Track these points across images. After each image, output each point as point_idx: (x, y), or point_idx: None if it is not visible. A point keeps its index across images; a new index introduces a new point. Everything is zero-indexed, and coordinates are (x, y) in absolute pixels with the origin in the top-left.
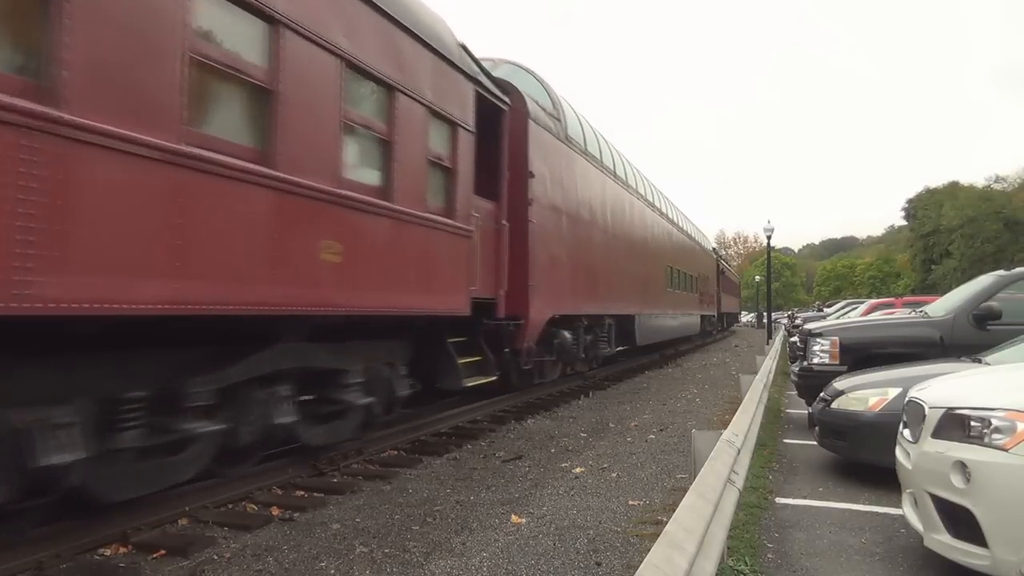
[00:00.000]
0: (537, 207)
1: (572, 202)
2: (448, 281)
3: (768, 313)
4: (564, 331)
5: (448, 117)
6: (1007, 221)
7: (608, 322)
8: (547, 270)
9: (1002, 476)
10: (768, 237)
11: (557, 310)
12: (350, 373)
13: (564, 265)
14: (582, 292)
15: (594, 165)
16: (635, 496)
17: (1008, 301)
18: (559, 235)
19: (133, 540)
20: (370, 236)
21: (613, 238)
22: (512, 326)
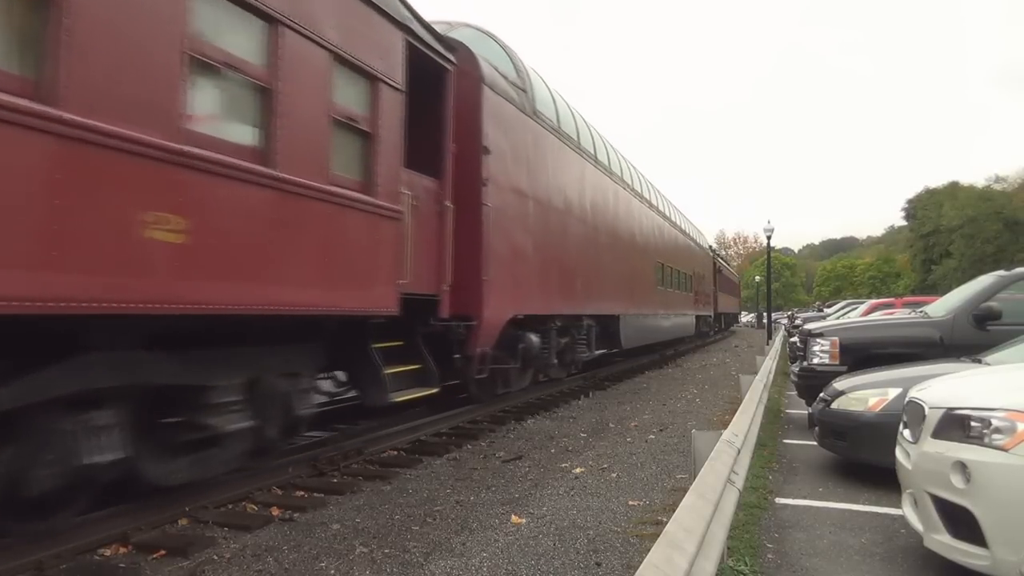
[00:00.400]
0: (494, 189)
1: (542, 187)
2: (365, 273)
3: (768, 313)
4: (531, 334)
5: (365, 69)
6: (1007, 221)
7: (587, 323)
8: (507, 263)
9: (1002, 476)
10: (768, 237)
11: (521, 309)
12: (218, 390)
13: (530, 258)
14: (554, 289)
15: (570, 147)
16: (635, 496)
17: (1008, 301)
18: (524, 223)
19: (133, 540)
20: (236, 211)
21: (593, 230)
22: (463, 328)
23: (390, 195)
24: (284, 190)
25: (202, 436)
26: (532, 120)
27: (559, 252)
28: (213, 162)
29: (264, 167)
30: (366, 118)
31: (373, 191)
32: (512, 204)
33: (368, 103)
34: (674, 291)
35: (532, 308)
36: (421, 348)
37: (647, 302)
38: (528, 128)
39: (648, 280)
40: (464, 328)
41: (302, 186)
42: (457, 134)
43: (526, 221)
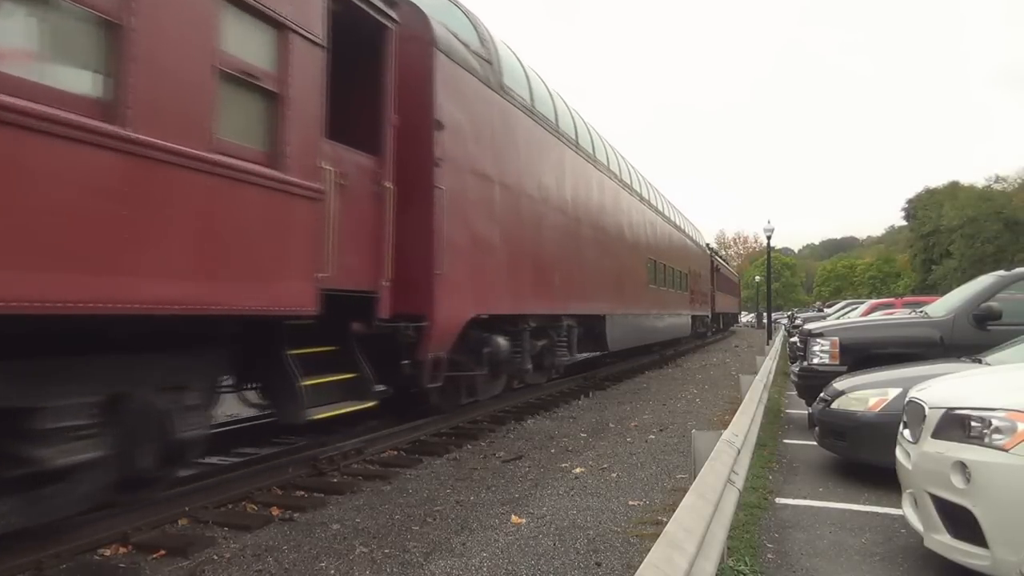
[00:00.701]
0: (451, 170)
1: (512, 171)
2: (269, 264)
3: (768, 313)
4: (498, 336)
5: (269, 14)
6: (1007, 221)
7: (567, 324)
8: (467, 255)
9: (1002, 476)
10: (768, 237)
11: (486, 308)
12: (51, 412)
13: (497, 251)
14: (527, 286)
15: (547, 129)
16: (635, 496)
17: (1008, 301)
18: (489, 211)
19: (133, 540)
20: (63, 179)
21: (575, 222)
22: (412, 330)
23: (305, 170)
24: (141, 155)
25: (33, 471)
26: (499, 96)
27: (533, 245)
28: (19, 111)
29: (110, 124)
30: (271, 75)
31: (280, 164)
32: (474, 189)
33: (274, 57)
34: (668, 290)
35: (499, 307)
36: (356, 354)
37: (637, 301)
38: (494, 104)
39: (639, 278)
40: (414, 330)
41: (170, 152)
42: (402, 105)
43: (492, 208)
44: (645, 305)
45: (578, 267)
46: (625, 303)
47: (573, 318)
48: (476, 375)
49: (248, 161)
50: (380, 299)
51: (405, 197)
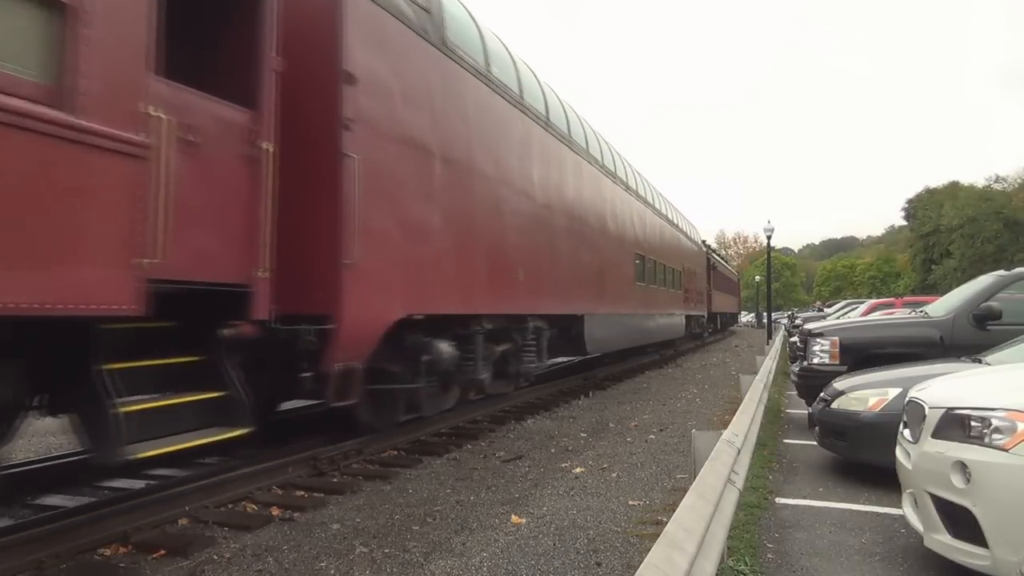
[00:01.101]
0: (368, 136)
1: (459, 145)
2: (52, 244)
3: (768, 313)
4: (440, 341)
5: None
6: (1007, 221)
7: (535, 326)
8: (393, 242)
9: (1002, 476)
10: (768, 237)
11: (420, 307)
12: None
13: (438, 238)
14: (480, 282)
15: (509, 101)
16: (635, 496)
17: (1008, 301)
18: (427, 190)
19: (133, 540)
20: None
21: (545, 209)
22: (312, 334)
23: (115, 115)
24: None
25: None
26: (441, 53)
27: (489, 233)
28: None
29: None
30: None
31: (71, 103)
32: (405, 161)
33: None
34: (659, 288)
35: (441, 306)
36: (224, 366)
37: (623, 300)
38: (433, 62)
39: (624, 274)
40: (316, 334)
41: None
42: (297, 49)
43: (431, 187)
44: (632, 304)
45: (549, 261)
46: (607, 302)
47: (543, 319)
48: (419, 389)
49: (13, 96)
50: (254, 295)
51: (301, 166)
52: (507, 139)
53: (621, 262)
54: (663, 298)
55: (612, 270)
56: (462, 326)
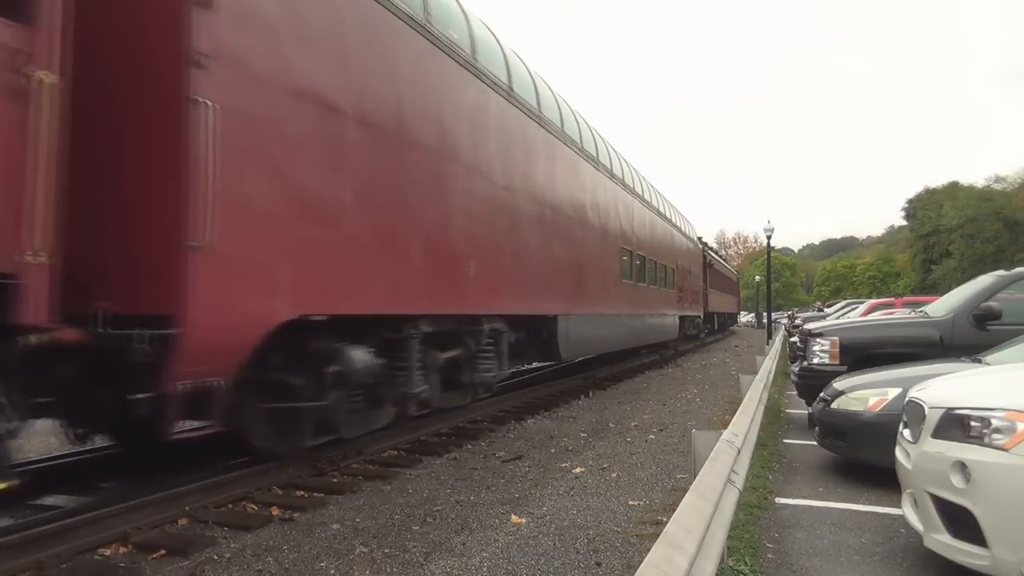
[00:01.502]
0: (234, 78)
1: (384, 106)
2: None
3: (768, 313)
4: (353, 348)
5: None
6: (1007, 221)
7: (492, 328)
8: (276, 221)
9: (1002, 476)
10: (768, 237)
11: (319, 306)
12: None
13: (350, 219)
14: (414, 276)
15: (456, 60)
16: (635, 496)
17: (1008, 301)
18: (333, 158)
19: (133, 540)
20: None
21: (507, 193)
22: (147, 342)
23: None
24: None
25: None
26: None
27: (427, 217)
28: None
29: None
30: None
31: None
32: (296, 119)
33: None
34: (648, 286)
35: (353, 304)
36: None
37: (605, 299)
38: None
39: (608, 271)
40: (152, 341)
41: None
42: None
43: (339, 155)
44: (617, 304)
45: (511, 253)
46: (587, 301)
47: (504, 320)
48: (324, 405)
49: None
50: (25, 288)
51: (133, 114)
52: (454, 106)
53: (604, 257)
54: (654, 297)
55: (593, 266)
56: (393, 329)
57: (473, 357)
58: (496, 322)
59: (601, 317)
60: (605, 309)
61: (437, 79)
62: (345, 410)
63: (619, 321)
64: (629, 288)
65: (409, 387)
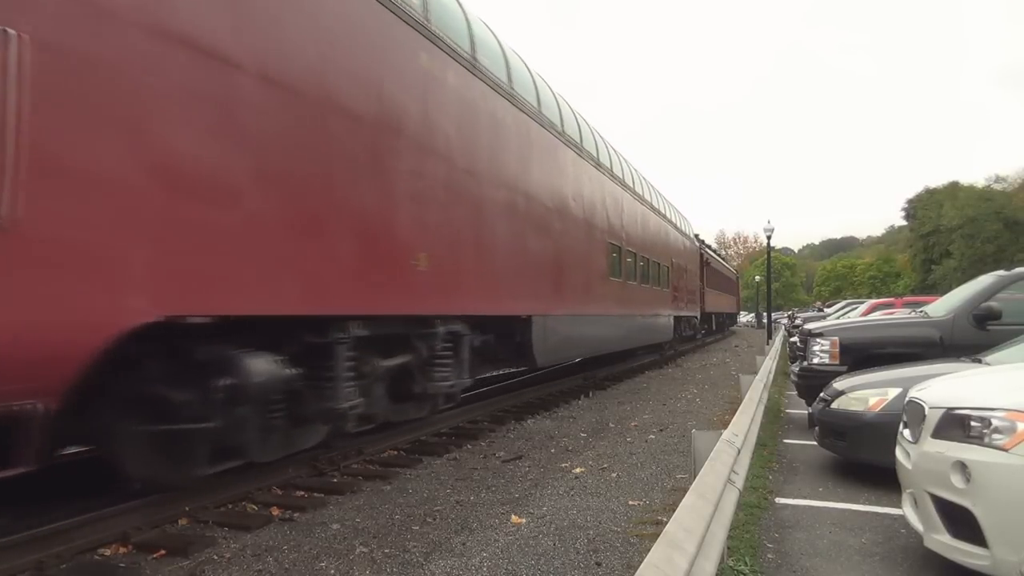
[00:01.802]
0: (56, 4)
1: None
2: None
3: (768, 313)
4: (254, 356)
5: None
6: (1007, 221)
7: (451, 331)
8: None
9: (1002, 476)
10: (768, 237)
11: (198, 304)
12: None
13: (246, 197)
14: (342, 268)
15: (398, 16)
16: (635, 496)
17: (1008, 301)
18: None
19: (133, 540)
20: None
21: (467, 176)
22: None
23: None
24: None
25: None
26: None
27: (359, 199)
28: None
29: None
30: None
31: None
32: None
33: None
34: (639, 285)
35: (251, 302)
36: None
37: (590, 298)
38: None
39: (593, 268)
40: None
41: None
42: None
43: (230, 118)
44: (603, 303)
45: (474, 246)
46: (569, 300)
47: (465, 321)
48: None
49: None
50: None
51: None
52: (397, 72)
53: (589, 253)
54: (646, 296)
55: (575, 262)
56: (317, 332)
57: (427, 364)
58: (455, 324)
59: (585, 318)
60: (590, 309)
61: (375, 38)
62: (256, 429)
63: (606, 322)
64: (618, 287)
65: (335, 401)
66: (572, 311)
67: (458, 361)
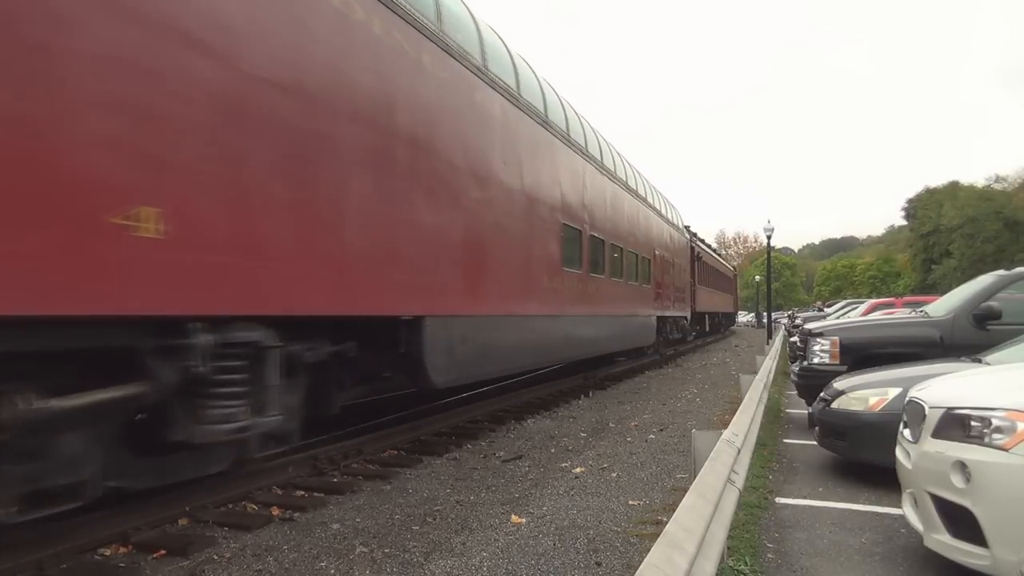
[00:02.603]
0: None
1: None
2: None
3: (768, 313)
4: None
5: None
6: (1007, 221)
7: (230, 341)
8: None
9: (1002, 476)
10: (768, 237)
11: None
12: None
13: None
14: None
15: None
16: (635, 496)
17: (1008, 301)
18: None
19: (133, 540)
20: None
21: (278, 93)
22: None
23: None
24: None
25: None
26: None
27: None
28: None
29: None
30: None
31: None
32: None
33: None
34: (609, 279)
35: None
36: None
37: (531, 293)
38: None
39: (537, 253)
40: None
41: None
42: None
43: None
44: (554, 301)
45: (295, 206)
46: (492, 297)
47: (268, 325)
48: None
49: None
50: None
51: None
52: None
53: (531, 235)
54: (620, 293)
55: (508, 245)
56: None
57: (189, 395)
58: (245, 330)
59: (522, 320)
60: (532, 308)
61: None
62: None
63: (558, 324)
64: (577, 280)
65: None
66: (500, 310)
67: (259, 388)
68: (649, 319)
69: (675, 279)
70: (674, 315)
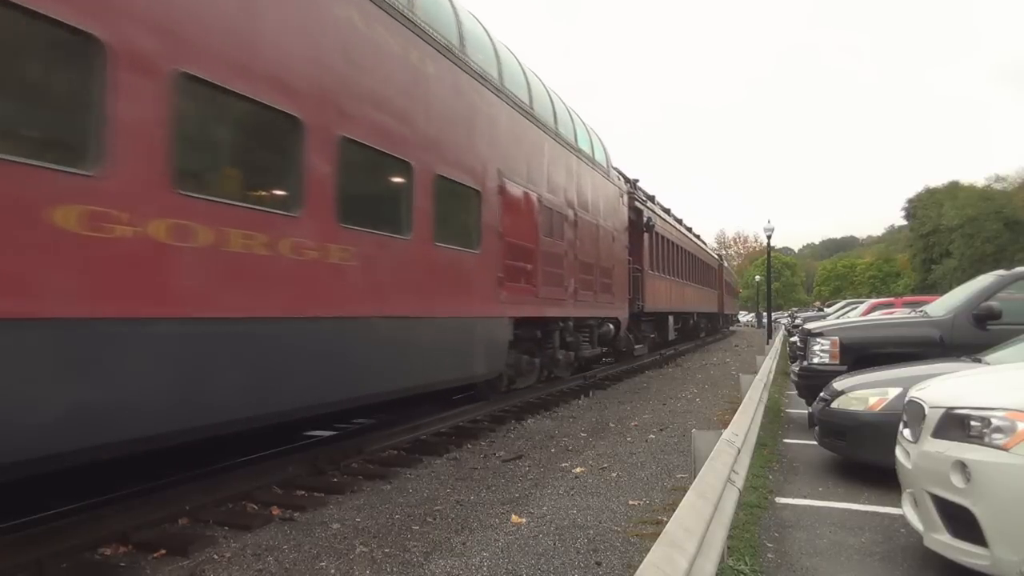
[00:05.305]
0: None
1: None
2: None
3: (768, 313)
4: None
5: None
6: (1007, 221)
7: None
8: None
9: (1002, 476)
10: (768, 237)
11: None
12: None
13: None
14: None
15: None
16: (635, 496)
17: (1008, 301)
18: None
19: (133, 540)
20: None
21: None
22: None
23: None
24: None
25: None
26: None
27: None
28: None
29: None
30: None
31: None
32: None
33: None
34: (455, 249)
35: None
36: None
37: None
38: None
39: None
40: None
41: None
42: None
43: None
44: (280, 295)
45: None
46: None
47: None
48: None
49: None
50: None
51: None
52: None
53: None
54: (454, 278)
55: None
56: None
57: None
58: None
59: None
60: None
61: None
62: None
63: (369, 332)
64: (350, 253)
65: None
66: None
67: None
68: (485, 325)
69: (600, 256)
70: (594, 315)
